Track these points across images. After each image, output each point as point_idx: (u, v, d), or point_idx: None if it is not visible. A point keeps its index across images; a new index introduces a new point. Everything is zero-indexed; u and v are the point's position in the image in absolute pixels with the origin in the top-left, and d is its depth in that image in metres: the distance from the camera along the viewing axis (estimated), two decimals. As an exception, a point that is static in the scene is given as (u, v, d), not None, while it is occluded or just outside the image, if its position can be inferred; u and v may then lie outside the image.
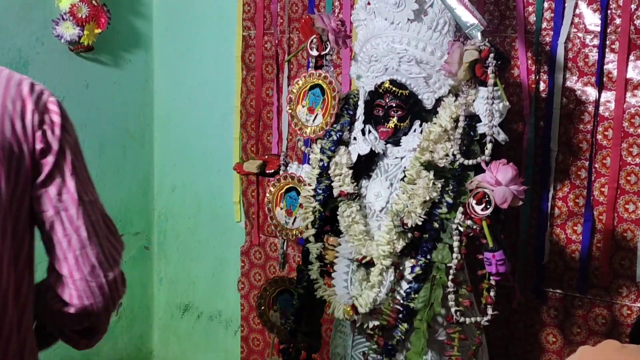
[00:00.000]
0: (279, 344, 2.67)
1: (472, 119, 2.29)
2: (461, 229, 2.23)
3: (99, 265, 1.43)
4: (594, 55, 2.53)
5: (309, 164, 2.60)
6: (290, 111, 2.64)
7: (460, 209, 2.23)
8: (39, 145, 1.37)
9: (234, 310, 3.44)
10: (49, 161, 1.38)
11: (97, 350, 3.41)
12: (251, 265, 3.33)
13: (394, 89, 2.34)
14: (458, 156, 2.25)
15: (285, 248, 2.87)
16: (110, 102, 3.40)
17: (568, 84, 2.59)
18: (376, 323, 2.38)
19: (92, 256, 1.43)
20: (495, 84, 2.21)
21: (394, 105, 2.35)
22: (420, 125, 2.35)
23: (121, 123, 3.47)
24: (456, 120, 2.29)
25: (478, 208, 2.18)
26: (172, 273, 3.66)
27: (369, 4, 2.41)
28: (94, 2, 3.12)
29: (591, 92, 2.55)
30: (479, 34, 2.23)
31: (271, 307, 2.74)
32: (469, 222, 2.21)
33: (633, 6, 2.45)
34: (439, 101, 2.35)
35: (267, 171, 2.73)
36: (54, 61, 3.16)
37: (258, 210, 3.28)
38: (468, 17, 2.24)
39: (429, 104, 2.35)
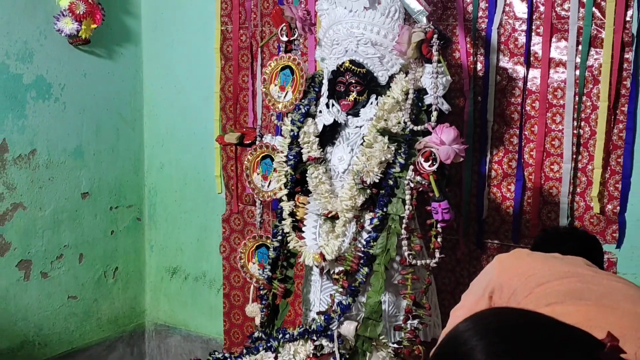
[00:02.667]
0: (257, 291, 2.71)
1: (420, 92, 2.34)
2: (412, 184, 2.28)
3: None
4: (522, 39, 2.57)
5: (281, 134, 2.62)
6: (264, 90, 2.67)
7: (411, 167, 2.28)
8: None
9: (217, 271, 3.44)
10: None
11: (97, 309, 3.43)
12: (231, 231, 3.35)
13: (353, 67, 2.38)
14: (408, 123, 2.30)
15: (262, 212, 2.93)
16: (105, 89, 3.38)
17: (501, 63, 2.62)
18: (341, 268, 2.43)
19: None
20: (439, 61, 2.26)
21: (354, 81, 2.39)
22: (376, 99, 2.40)
23: (115, 108, 3.44)
24: (406, 93, 2.33)
25: (426, 165, 2.25)
26: (162, 240, 3.64)
27: (330, -6, 2.44)
28: (90, 0, 3.11)
29: (520, 70, 2.59)
30: (424, 19, 2.28)
31: (250, 260, 2.81)
32: (418, 178, 2.27)
33: (554, -3, 2.50)
34: (392, 77, 2.39)
35: (245, 142, 2.78)
36: (56, 53, 3.14)
37: (237, 182, 3.29)
38: (415, 4, 2.30)
39: (383, 80, 2.39)
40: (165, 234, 3.63)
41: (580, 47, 2.49)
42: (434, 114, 2.30)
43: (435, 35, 2.27)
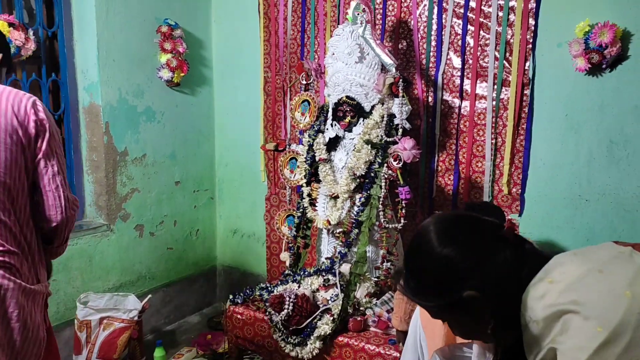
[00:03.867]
0: (287, 244, 2.75)
1: (391, 116, 2.36)
2: (386, 176, 2.31)
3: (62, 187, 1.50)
4: (457, 81, 2.56)
5: (302, 144, 2.63)
6: (291, 115, 2.74)
7: (385, 164, 2.32)
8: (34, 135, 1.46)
9: (262, 231, 3.43)
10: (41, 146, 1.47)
11: (185, 256, 3.42)
12: (271, 206, 3.35)
13: (348, 100, 2.40)
14: (384, 136, 2.33)
15: (290, 194, 2.96)
16: (190, 115, 3.35)
17: (444, 97, 2.62)
18: (340, 229, 2.46)
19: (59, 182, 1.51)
20: (403, 96, 2.31)
21: (348, 109, 2.41)
22: (363, 120, 2.40)
23: (196, 127, 3.41)
24: (382, 117, 2.35)
25: (394, 163, 2.30)
26: (227, 212, 3.61)
27: (333, 54, 2.45)
28: (179, 57, 3.11)
29: (457, 102, 2.58)
30: (393, 69, 2.32)
31: (282, 224, 2.85)
32: (389, 171, 2.32)
33: (478, 53, 2.49)
34: (373, 107, 2.39)
35: (279, 149, 2.82)
36: (158, 91, 3.12)
37: (274, 174, 3.29)
38: (387, 59, 2.34)
39: (367, 108, 2.40)
40: (229, 207, 3.61)
41: (495, 87, 2.48)
42: (400, 130, 2.34)
43: (401, 80, 2.31)
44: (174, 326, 3.34)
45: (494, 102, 2.49)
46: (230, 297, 2.62)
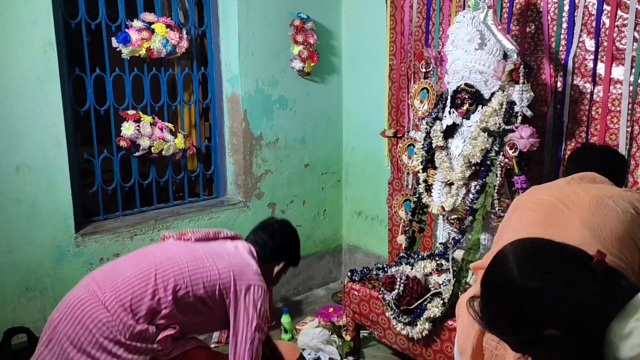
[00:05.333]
0: (403, 228, 2.82)
1: (511, 103, 2.30)
2: (502, 164, 2.28)
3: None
4: (590, 64, 2.40)
5: (420, 131, 2.68)
6: (410, 102, 2.79)
7: (502, 153, 2.30)
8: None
9: (384, 214, 3.48)
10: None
11: (313, 234, 3.65)
12: (393, 190, 3.36)
13: (467, 88, 2.38)
14: (501, 124, 2.28)
15: (410, 181, 3.00)
16: (320, 102, 3.51)
17: (574, 82, 2.46)
18: (455, 216, 2.48)
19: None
20: (524, 83, 2.25)
21: (467, 97, 2.39)
22: (481, 108, 2.36)
23: (325, 113, 3.57)
24: (502, 104, 2.30)
25: (510, 152, 2.26)
26: (352, 194, 3.73)
27: (453, 41, 2.44)
28: (310, 48, 3.29)
29: (589, 87, 2.42)
30: (515, 55, 2.26)
31: (400, 208, 2.93)
32: (506, 160, 2.29)
33: (614, 35, 2.30)
34: (493, 94, 2.35)
35: (398, 135, 2.89)
36: (291, 81, 3.33)
37: (397, 160, 3.25)
38: (509, 45, 2.28)
39: (486, 95, 2.36)
40: (354, 190, 3.73)
41: (633, 70, 2.28)
42: (519, 118, 2.28)
43: (522, 66, 2.24)
44: (301, 297, 3.61)
45: (631, 87, 2.29)
46: (349, 274, 2.79)
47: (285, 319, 2.98)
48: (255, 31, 3.16)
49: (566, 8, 2.46)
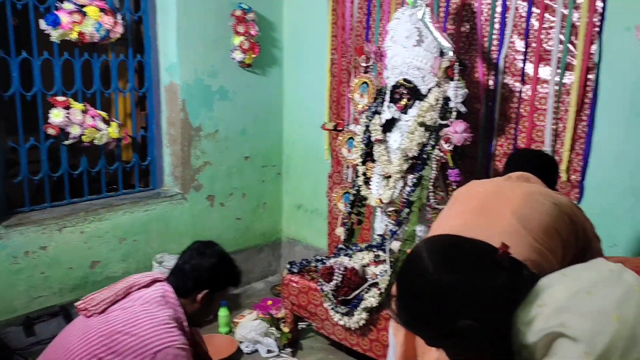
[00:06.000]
0: (342, 220, 2.81)
1: (447, 99, 2.35)
2: (437, 158, 2.34)
3: None
4: (520, 64, 2.50)
5: (359, 124, 2.68)
6: (350, 96, 2.80)
7: (437, 147, 2.36)
8: None
9: (324, 207, 3.50)
10: None
11: (253, 227, 3.60)
12: (333, 183, 3.39)
13: (405, 83, 2.43)
14: (438, 119, 2.34)
15: (349, 174, 3.01)
16: (261, 94, 3.46)
17: (505, 80, 2.56)
18: (392, 208, 2.51)
19: None
20: (458, 80, 2.32)
21: (405, 92, 2.43)
22: (419, 103, 2.41)
23: (266, 106, 3.53)
24: (438, 100, 2.35)
25: (445, 146, 2.33)
26: (292, 187, 3.72)
27: (392, 37, 2.47)
28: (251, 40, 3.24)
29: (517, 85, 2.52)
30: (450, 52, 2.31)
31: (339, 201, 2.94)
32: (441, 154, 2.35)
33: (542, 36, 2.41)
34: (429, 90, 2.39)
35: (338, 128, 2.90)
36: (231, 72, 3.27)
37: (337, 153, 3.27)
38: (445, 43, 2.34)
39: (424, 91, 2.41)
40: (295, 183, 3.72)
41: (558, 71, 2.40)
42: (454, 113, 2.34)
43: (457, 63, 2.30)
44: (240, 290, 3.55)
45: (557, 87, 2.41)
46: (288, 266, 2.78)
47: (222, 313, 2.94)
48: (194, 20, 3.08)
49: (498, 9, 2.56)
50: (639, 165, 2.23)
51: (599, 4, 2.24)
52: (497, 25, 2.58)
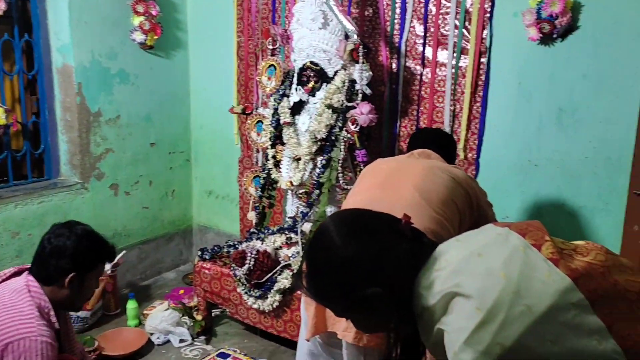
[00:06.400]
0: (253, 204, 2.81)
1: (353, 82, 2.38)
2: (345, 139, 2.39)
3: None
4: (420, 48, 2.59)
5: (268, 108, 2.69)
6: (258, 79, 2.78)
7: (345, 128, 2.42)
8: None
9: (235, 192, 3.46)
10: None
11: (161, 215, 3.49)
12: (244, 168, 3.36)
13: (312, 66, 2.44)
14: (344, 101, 2.38)
15: (260, 158, 3.00)
16: (165, 78, 3.35)
17: (407, 64, 2.64)
18: (303, 190, 2.53)
19: None
20: (363, 62, 2.37)
21: (312, 75, 2.44)
22: (326, 85, 2.43)
23: (172, 90, 3.41)
24: (344, 82, 2.39)
25: (352, 127, 2.38)
26: (202, 173, 3.64)
27: (298, 20, 2.48)
28: (152, 20, 3.10)
29: (419, 69, 2.61)
30: (355, 35, 2.35)
31: (250, 185, 2.93)
32: (348, 135, 2.40)
33: (439, 22, 2.51)
34: (336, 72, 2.42)
35: (247, 112, 2.87)
36: (132, 54, 3.12)
37: (247, 137, 3.22)
38: (349, 26, 2.38)
39: (330, 73, 2.43)
40: (204, 169, 3.65)
41: (454, 54, 2.52)
42: (360, 95, 2.39)
43: (361, 46, 2.35)
44: (150, 282, 3.45)
45: (453, 70, 2.53)
46: (199, 253, 2.72)
47: (131, 305, 2.82)
48: (88, -3, 2.88)
49: (399, -5, 2.64)
50: (527, 144, 2.42)
51: (490, -8, 2.38)
52: (398, 10, 2.65)
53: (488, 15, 2.40)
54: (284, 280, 2.36)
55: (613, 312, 0.86)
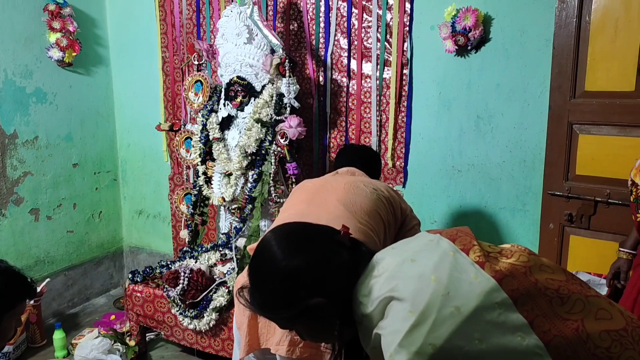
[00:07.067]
0: (186, 222, 2.76)
1: (281, 95, 2.42)
2: (275, 153, 2.40)
3: None
4: (345, 61, 2.64)
5: (197, 124, 2.65)
6: (185, 95, 2.74)
7: (274, 142, 2.43)
8: None
9: (167, 211, 3.39)
10: None
11: (88, 239, 3.34)
12: (174, 185, 3.30)
13: (239, 81, 2.44)
14: (273, 115, 2.39)
15: (190, 175, 2.94)
16: (86, 96, 3.23)
17: (333, 77, 2.69)
18: (235, 206, 2.51)
19: None
20: (290, 76, 2.40)
21: (239, 89, 2.44)
22: (254, 100, 2.44)
23: (94, 108, 3.30)
24: (272, 96, 2.41)
25: (282, 140, 2.40)
26: (131, 193, 3.55)
27: (223, 35, 2.48)
28: (70, 37, 2.99)
29: (345, 81, 2.67)
30: (280, 50, 2.39)
31: (181, 203, 2.86)
32: (278, 148, 2.42)
33: (362, 35, 2.58)
34: (264, 86, 2.44)
35: (175, 129, 2.81)
36: (49, 72, 3.00)
37: (176, 154, 3.21)
38: (275, 41, 2.41)
39: (258, 88, 2.44)
40: (133, 188, 3.56)
41: (378, 66, 2.59)
42: (288, 109, 2.42)
43: (287, 60, 2.38)
44: (78, 309, 3.28)
45: (378, 81, 2.61)
46: (130, 276, 2.63)
47: (57, 335, 2.67)
48: (-1, 14, 2.73)
49: (322, 9, 2.69)
50: (450, 150, 2.52)
51: (408, 6, 2.48)
52: (322, 24, 2.70)
53: (407, 28, 2.50)
54: (220, 298, 2.32)
55: (534, 309, 0.91)
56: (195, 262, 2.50)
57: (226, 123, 2.55)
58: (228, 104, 2.51)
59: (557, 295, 0.93)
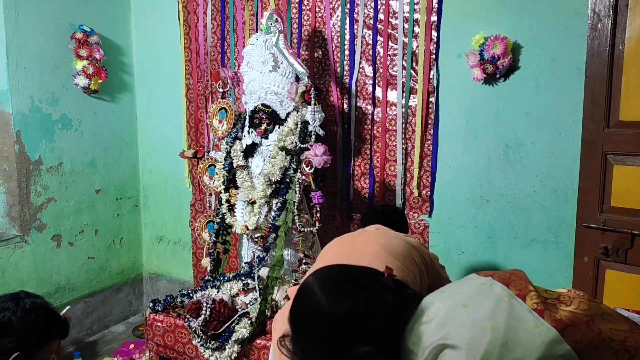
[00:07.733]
0: (207, 250, 2.73)
1: (305, 123, 2.39)
2: (300, 181, 2.37)
3: None
4: (370, 88, 2.63)
5: (220, 151, 2.63)
6: (209, 122, 2.74)
7: (299, 170, 2.40)
8: None
9: (188, 238, 3.38)
10: None
11: (108, 265, 3.34)
12: (196, 212, 3.30)
13: (263, 108, 2.42)
14: (298, 143, 2.37)
15: (212, 202, 2.93)
16: (110, 122, 3.26)
17: (358, 104, 2.68)
18: (259, 234, 2.48)
19: None
20: (315, 104, 2.38)
21: (264, 117, 2.43)
22: (278, 127, 2.42)
23: (118, 134, 3.32)
24: (297, 124, 2.39)
25: (307, 169, 2.36)
26: (152, 218, 3.54)
27: (248, 62, 2.47)
28: (96, 64, 3.03)
29: (370, 108, 2.65)
30: (306, 77, 2.37)
31: (203, 230, 2.84)
32: (303, 177, 2.39)
33: (387, 63, 2.57)
34: (288, 114, 2.42)
35: (198, 156, 2.80)
36: (75, 98, 3.03)
37: (198, 181, 3.23)
38: (300, 68, 2.40)
39: (282, 115, 2.42)
40: (154, 214, 3.55)
41: (404, 94, 2.57)
42: (313, 137, 2.39)
43: (312, 88, 2.36)
44: (97, 337, 3.25)
45: (403, 109, 2.58)
46: (150, 304, 2.58)
47: (77, 365, 2.63)
48: (27, 42, 2.77)
49: (347, 37, 2.69)
50: (477, 179, 2.47)
51: (434, 34, 2.46)
52: (347, 52, 2.70)
53: (434, 56, 2.48)
54: (242, 330, 2.26)
55: None
56: (217, 291, 2.45)
57: (250, 151, 2.53)
58: (252, 132, 2.49)
59: (623, 348, 0.87)
